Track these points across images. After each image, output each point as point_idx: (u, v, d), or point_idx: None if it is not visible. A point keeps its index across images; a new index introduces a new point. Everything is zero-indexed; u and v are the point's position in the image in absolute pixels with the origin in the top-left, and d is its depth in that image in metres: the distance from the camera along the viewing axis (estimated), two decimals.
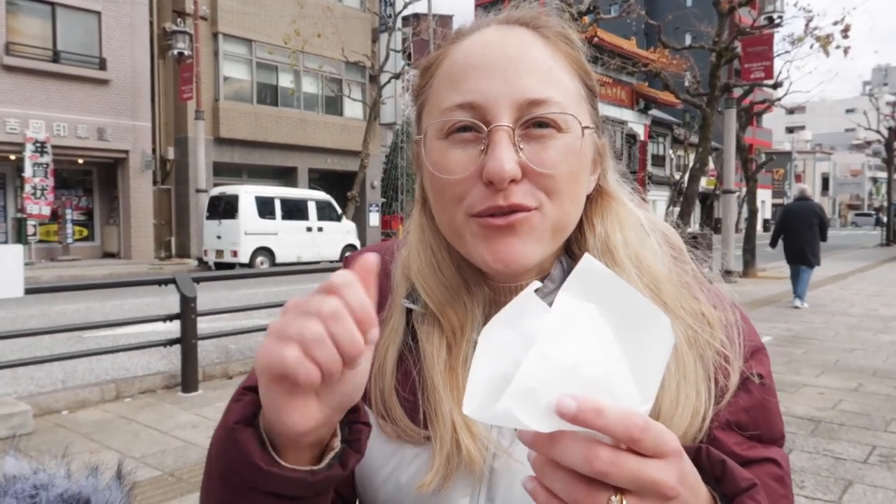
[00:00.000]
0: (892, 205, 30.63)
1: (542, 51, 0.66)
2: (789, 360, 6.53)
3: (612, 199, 0.73)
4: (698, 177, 13.81)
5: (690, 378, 0.65)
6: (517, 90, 0.63)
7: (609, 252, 0.70)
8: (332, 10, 20.69)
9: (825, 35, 14.72)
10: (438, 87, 0.68)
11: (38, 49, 16.84)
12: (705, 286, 0.72)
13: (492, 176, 0.61)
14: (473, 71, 0.65)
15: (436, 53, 0.71)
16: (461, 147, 0.65)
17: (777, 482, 0.67)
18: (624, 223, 0.72)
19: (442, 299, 0.70)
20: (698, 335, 0.67)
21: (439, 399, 0.67)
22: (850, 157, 76.00)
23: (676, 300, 0.68)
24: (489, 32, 0.68)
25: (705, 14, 19.91)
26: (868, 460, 3.91)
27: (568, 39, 0.70)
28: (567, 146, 0.65)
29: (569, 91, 0.66)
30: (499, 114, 0.63)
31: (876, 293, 12.19)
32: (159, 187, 20.02)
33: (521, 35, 0.67)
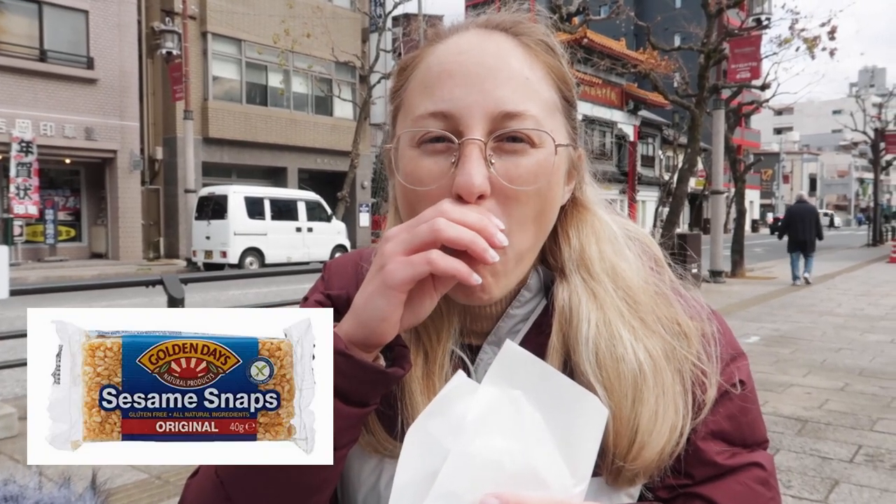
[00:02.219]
0: (879, 205, 30.92)
1: (520, 60, 0.64)
2: (776, 359, 6.56)
3: (587, 211, 0.72)
4: (687, 177, 13.86)
5: (668, 393, 0.64)
6: (492, 101, 0.61)
7: (584, 265, 0.69)
8: (322, 10, 20.64)
9: (812, 37, 14.84)
10: (412, 92, 0.66)
11: (24, 48, 16.69)
12: (683, 296, 0.71)
13: (460, 190, 0.60)
14: (448, 78, 0.63)
15: (412, 55, 0.69)
16: (433, 157, 0.63)
17: (763, 486, 0.67)
18: (600, 235, 0.70)
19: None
20: (675, 349, 0.66)
21: (416, 407, 0.66)
22: (838, 158, 76.58)
23: (653, 313, 0.67)
24: (467, 37, 0.65)
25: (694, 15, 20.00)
26: (854, 459, 3.93)
27: (549, 48, 0.67)
28: (539, 163, 0.63)
29: (545, 103, 0.65)
30: (472, 125, 0.61)
31: (863, 293, 12.29)
32: (148, 187, 19.90)
33: (500, 42, 0.65)
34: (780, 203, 63.90)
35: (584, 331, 0.65)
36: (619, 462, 0.63)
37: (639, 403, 0.62)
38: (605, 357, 0.63)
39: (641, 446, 0.62)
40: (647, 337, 0.65)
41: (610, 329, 0.65)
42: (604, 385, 0.63)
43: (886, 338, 7.79)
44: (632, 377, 0.63)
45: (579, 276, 0.68)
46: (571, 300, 0.67)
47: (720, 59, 13.78)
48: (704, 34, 13.76)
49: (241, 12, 20.63)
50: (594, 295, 0.67)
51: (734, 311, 9.82)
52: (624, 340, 0.64)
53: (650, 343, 0.65)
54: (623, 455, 0.62)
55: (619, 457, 0.62)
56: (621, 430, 0.62)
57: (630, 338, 0.64)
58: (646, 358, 0.64)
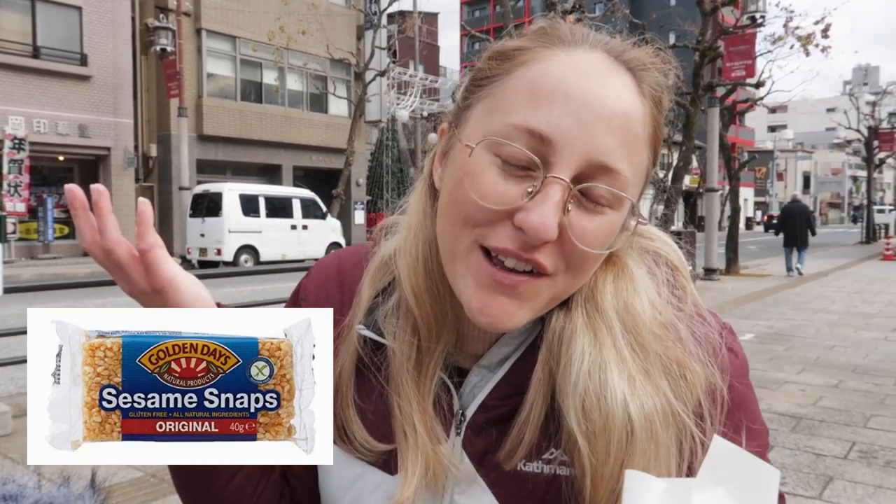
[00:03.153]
0: (872, 203, 31.04)
1: (636, 113, 0.58)
2: (771, 357, 6.59)
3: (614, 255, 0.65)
4: (682, 175, 13.88)
5: (662, 454, 0.59)
6: (596, 147, 0.56)
7: (594, 299, 0.63)
8: (317, 7, 20.56)
9: (806, 34, 14.87)
10: (515, 92, 0.58)
11: (17, 44, 16.59)
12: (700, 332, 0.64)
13: (529, 230, 0.55)
14: (563, 99, 0.56)
15: (521, 44, 0.61)
16: (507, 175, 0.57)
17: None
18: (620, 272, 0.64)
19: (425, 304, 0.65)
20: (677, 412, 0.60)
21: (409, 410, 0.64)
22: (831, 156, 76.83)
23: (659, 363, 0.61)
24: (594, 61, 0.59)
25: (689, 13, 20.00)
26: (848, 456, 3.96)
27: (659, 102, 0.62)
28: (612, 225, 0.59)
29: (640, 167, 0.60)
30: (565, 162, 0.56)
31: (856, 290, 12.35)
32: (142, 185, 19.82)
33: (626, 84, 0.59)
34: (774, 201, 64.10)
35: (574, 370, 0.59)
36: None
37: (625, 465, 0.57)
38: (593, 405, 0.58)
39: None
40: (646, 393, 0.59)
41: (604, 376, 0.59)
42: (586, 437, 0.58)
43: (880, 335, 7.83)
44: (619, 434, 0.57)
45: (584, 311, 0.62)
46: (564, 332, 0.61)
47: (715, 57, 13.80)
48: (699, 32, 13.78)
49: (236, 9, 20.55)
50: (595, 334, 0.61)
51: (728, 308, 9.85)
52: (616, 391, 0.58)
53: (649, 401, 0.59)
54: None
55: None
56: (600, 489, 0.58)
57: (625, 391, 0.58)
58: (638, 416, 0.58)
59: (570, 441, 0.59)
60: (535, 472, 0.63)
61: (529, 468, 0.63)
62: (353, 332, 0.69)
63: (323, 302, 0.73)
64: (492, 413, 0.64)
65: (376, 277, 0.70)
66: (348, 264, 0.76)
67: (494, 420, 0.64)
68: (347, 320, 0.70)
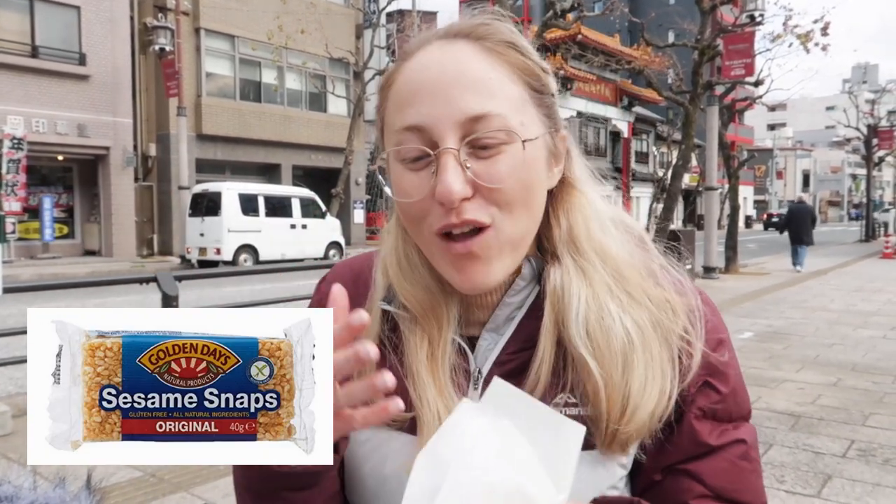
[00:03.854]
0: (871, 201, 31.06)
1: (481, 63, 0.67)
2: (770, 355, 6.60)
3: (575, 191, 0.75)
4: (681, 173, 13.89)
5: (656, 360, 0.69)
6: (457, 110, 0.65)
7: (573, 243, 0.73)
8: (316, 6, 20.55)
9: (805, 33, 14.88)
10: (390, 111, 0.70)
11: (16, 44, 16.58)
12: (671, 274, 0.76)
13: (442, 199, 0.64)
14: (415, 94, 0.67)
15: (388, 73, 0.73)
16: (415, 171, 0.67)
17: (746, 460, 0.73)
18: (587, 215, 0.74)
19: (417, 300, 0.73)
20: (662, 320, 0.71)
21: (423, 385, 0.70)
22: (831, 154, 76.83)
23: (639, 287, 0.72)
24: (430, 51, 0.69)
25: (688, 12, 20.00)
26: (847, 454, 3.96)
27: (511, 45, 0.69)
28: (514, 158, 0.66)
29: (512, 100, 0.67)
30: (444, 135, 0.65)
31: (855, 289, 12.36)
32: (141, 184, 19.82)
33: (461, 50, 0.68)
34: (774, 199, 64.13)
35: (574, 307, 0.69)
36: (613, 426, 0.67)
37: (629, 370, 0.67)
38: (595, 329, 0.68)
39: (634, 409, 0.66)
40: (634, 308, 0.70)
41: (598, 303, 0.69)
42: (594, 356, 0.67)
43: (879, 333, 7.84)
44: (620, 346, 0.67)
45: (570, 256, 0.72)
46: (563, 280, 0.70)
47: (714, 56, 13.81)
48: (698, 31, 13.78)
49: (235, 8, 20.53)
50: (583, 272, 0.71)
51: (728, 307, 9.85)
52: (612, 313, 0.68)
53: (637, 314, 0.69)
54: (617, 419, 0.67)
55: (614, 421, 0.67)
56: (613, 396, 0.67)
57: (618, 310, 0.69)
58: (633, 328, 0.68)
59: (581, 366, 0.68)
60: None
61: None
62: (373, 314, 0.75)
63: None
64: (505, 367, 0.72)
65: (383, 273, 0.78)
66: (358, 266, 0.85)
67: (507, 374, 0.70)
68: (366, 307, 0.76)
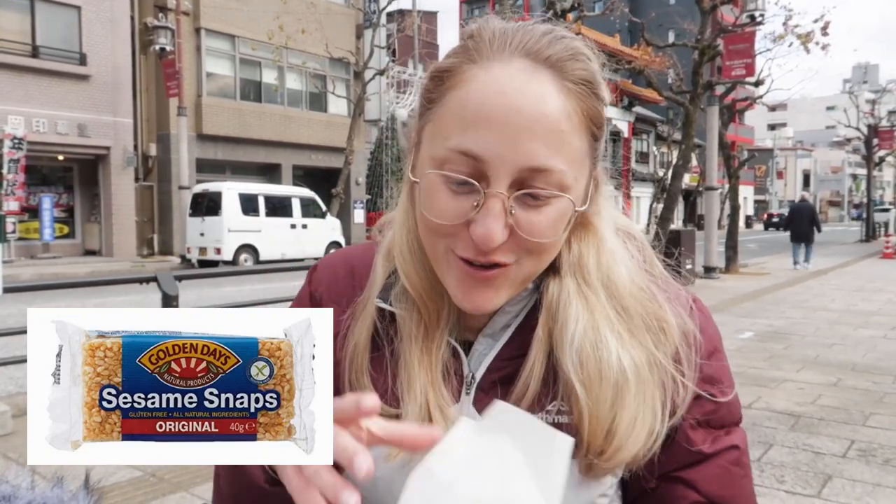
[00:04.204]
0: (872, 201, 31.05)
1: (559, 109, 0.63)
2: (770, 355, 6.59)
3: (592, 225, 0.73)
4: (681, 173, 13.89)
5: (650, 401, 0.68)
6: (522, 156, 0.62)
7: (581, 271, 0.71)
8: (316, 6, 20.54)
9: (806, 32, 14.88)
10: (447, 116, 0.65)
11: (16, 44, 16.59)
12: (669, 291, 0.75)
13: (479, 241, 0.62)
14: (484, 120, 0.62)
15: (452, 64, 0.67)
16: (455, 196, 0.64)
17: (738, 466, 0.73)
18: (601, 248, 0.73)
19: (420, 286, 0.73)
20: (660, 361, 0.69)
21: (413, 375, 0.70)
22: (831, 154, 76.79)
23: (642, 323, 0.70)
24: (511, 72, 0.63)
25: (688, 12, 20.00)
26: (847, 455, 3.96)
27: (590, 88, 0.66)
28: (559, 213, 0.65)
29: (575, 155, 0.65)
30: (498, 175, 0.62)
31: (856, 288, 12.36)
32: (141, 184, 19.82)
33: (543, 85, 0.63)
34: (774, 199, 64.11)
35: (570, 329, 0.68)
36: (591, 458, 0.67)
37: (619, 407, 0.66)
38: (589, 357, 0.67)
39: (618, 448, 0.66)
40: (633, 347, 0.69)
41: (597, 333, 0.68)
42: (583, 383, 0.66)
43: (879, 333, 7.84)
44: (613, 381, 0.66)
45: (574, 280, 0.71)
46: (560, 297, 0.70)
47: (714, 56, 13.81)
48: (698, 31, 13.78)
49: (235, 8, 20.54)
50: (586, 300, 0.70)
51: (728, 307, 9.85)
52: (609, 346, 0.67)
53: (636, 353, 0.68)
54: (597, 453, 0.66)
55: (593, 453, 0.66)
56: (596, 430, 0.66)
57: (616, 345, 0.68)
58: (630, 366, 0.67)
59: (568, 388, 0.67)
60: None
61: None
62: (368, 307, 0.76)
63: (335, 289, 0.81)
64: (499, 374, 0.72)
65: (386, 262, 0.78)
66: (356, 256, 0.84)
67: (502, 380, 0.72)
68: (362, 298, 0.77)
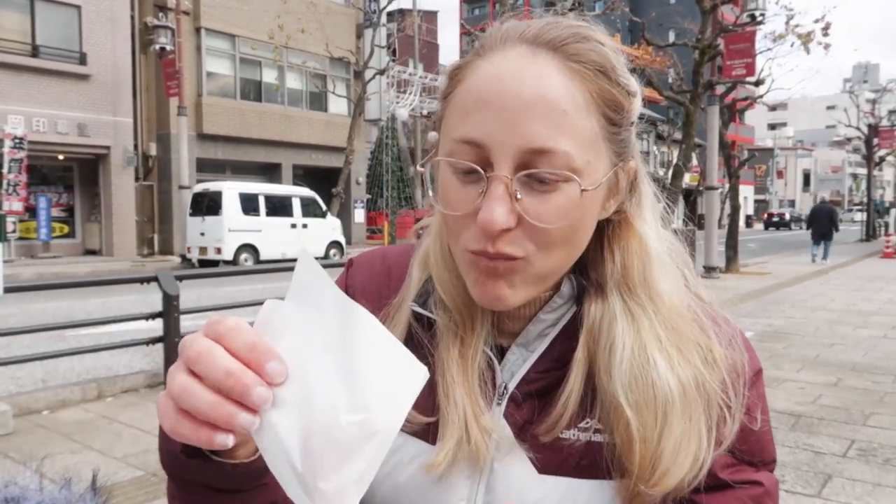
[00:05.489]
0: (872, 201, 31.05)
1: (560, 90, 0.61)
2: (770, 355, 6.60)
3: (634, 231, 0.70)
4: (682, 173, 13.89)
5: (695, 425, 0.65)
6: (521, 138, 0.60)
7: (626, 284, 0.69)
8: (317, 6, 20.54)
9: (806, 32, 14.87)
10: (454, 110, 0.65)
11: (16, 43, 16.58)
12: (719, 323, 0.71)
13: (483, 225, 0.61)
14: (484, 106, 0.62)
15: (462, 62, 0.67)
16: (464, 186, 0.64)
17: (755, 502, 0.69)
18: (646, 258, 0.69)
19: (454, 292, 0.72)
20: (707, 383, 0.67)
21: (452, 382, 0.69)
22: (831, 154, 76.78)
23: (690, 341, 0.68)
24: (511, 58, 0.63)
25: (688, 11, 19.98)
26: (847, 454, 3.96)
27: (601, 69, 0.64)
28: (569, 199, 0.62)
29: (583, 136, 0.62)
30: (500, 160, 0.61)
31: (856, 288, 12.36)
32: (141, 184, 19.82)
33: (544, 67, 0.62)
34: (774, 199, 64.07)
35: (618, 352, 0.65)
36: (640, 486, 0.64)
37: (666, 430, 0.64)
38: (638, 381, 0.64)
39: (664, 473, 0.63)
40: (682, 366, 0.66)
41: (645, 354, 0.65)
42: (635, 409, 0.64)
43: (879, 333, 7.84)
44: (662, 403, 0.64)
45: (619, 296, 0.69)
46: (604, 319, 0.68)
47: (714, 55, 13.80)
48: (699, 30, 13.77)
49: (235, 8, 20.54)
50: (633, 316, 0.67)
51: (728, 306, 9.72)
52: (658, 367, 0.65)
53: (683, 373, 0.65)
54: (645, 479, 0.63)
55: (642, 480, 0.64)
56: (646, 455, 0.63)
57: (665, 365, 0.65)
58: (677, 386, 0.65)
59: (615, 413, 0.65)
60: (572, 439, 0.68)
61: (566, 435, 0.68)
62: (402, 311, 0.75)
63: (371, 287, 0.80)
64: (532, 386, 0.70)
65: (422, 268, 0.77)
66: (393, 257, 0.83)
67: (534, 393, 0.70)
68: (397, 301, 0.76)
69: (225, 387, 0.45)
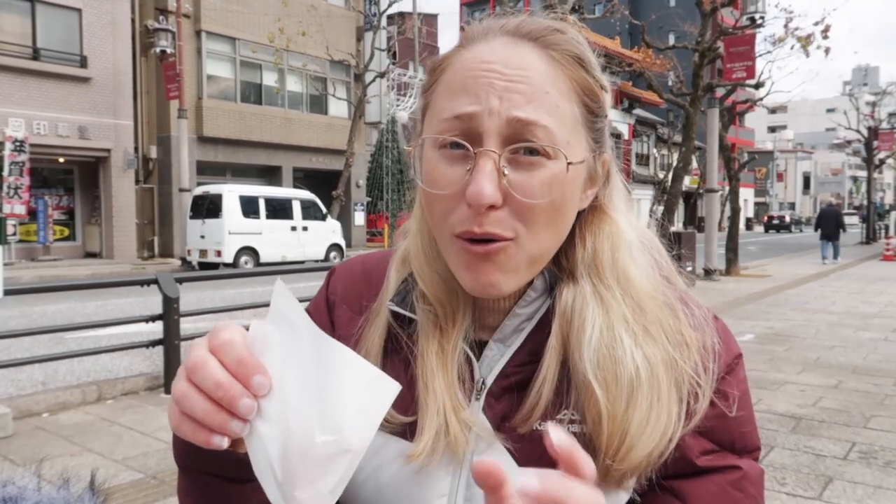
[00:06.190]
0: (872, 203, 31.05)
1: (543, 74, 0.65)
2: (770, 357, 6.59)
3: (607, 217, 0.73)
4: (682, 176, 13.91)
5: (664, 400, 0.66)
6: (506, 109, 0.63)
7: (596, 269, 0.70)
8: (317, 9, 20.59)
9: (806, 35, 14.89)
10: (439, 95, 0.68)
11: (17, 46, 16.61)
12: (689, 306, 0.73)
13: (470, 200, 0.62)
14: (472, 85, 0.64)
15: (444, 55, 0.70)
16: (451, 163, 0.65)
17: (738, 490, 0.69)
18: (616, 243, 0.71)
19: (435, 285, 0.72)
20: (676, 361, 0.68)
21: (432, 375, 0.69)
22: (831, 157, 76.84)
23: (657, 322, 0.69)
24: (494, 46, 0.66)
25: (688, 14, 20.01)
26: (848, 457, 3.96)
27: (579, 59, 0.67)
28: (553, 176, 0.64)
29: (564, 118, 0.65)
30: (488, 135, 0.63)
31: (856, 290, 12.35)
32: (142, 186, 19.84)
33: (526, 54, 0.65)
34: (774, 201, 64.07)
35: (587, 332, 0.67)
36: (607, 461, 0.64)
37: (632, 406, 0.64)
38: (605, 358, 0.66)
39: (630, 448, 0.64)
40: (648, 344, 0.67)
41: (612, 333, 0.67)
42: (602, 386, 0.65)
43: (880, 335, 7.83)
44: (627, 380, 0.65)
45: (589, 280, 0.70)
46: (575, 303, 0.69)
47: (714, 58, 13.82)
48: (699, 33, 13.80)
49: (236, 10, 20.57)
50: (601, 299, 0.69)
51: (728, 309, 9.85)
52: (624, 345, 0.66)
53: (650, 350, 0.67)
54: (612, 455, 0.64)
55: (609, 456, 0.64)
56: (613, 431, 0.64)
57: (630, 343, 0.66)
58: (643, 363, 0.66)
59: (586, 392, 0.66)
60: None
61: (544, 428, 0.67)
62: (382, 313, 0.76)
63: (350, 293, 0.81)
64: (509, 380, 0.71)
65: (400, 268, 0.78)
66: (372, 262, 0.84)
67: (512, 386, 0.70)
68: (376, 305, 0.77)
69: (216, 396, 0.51)
